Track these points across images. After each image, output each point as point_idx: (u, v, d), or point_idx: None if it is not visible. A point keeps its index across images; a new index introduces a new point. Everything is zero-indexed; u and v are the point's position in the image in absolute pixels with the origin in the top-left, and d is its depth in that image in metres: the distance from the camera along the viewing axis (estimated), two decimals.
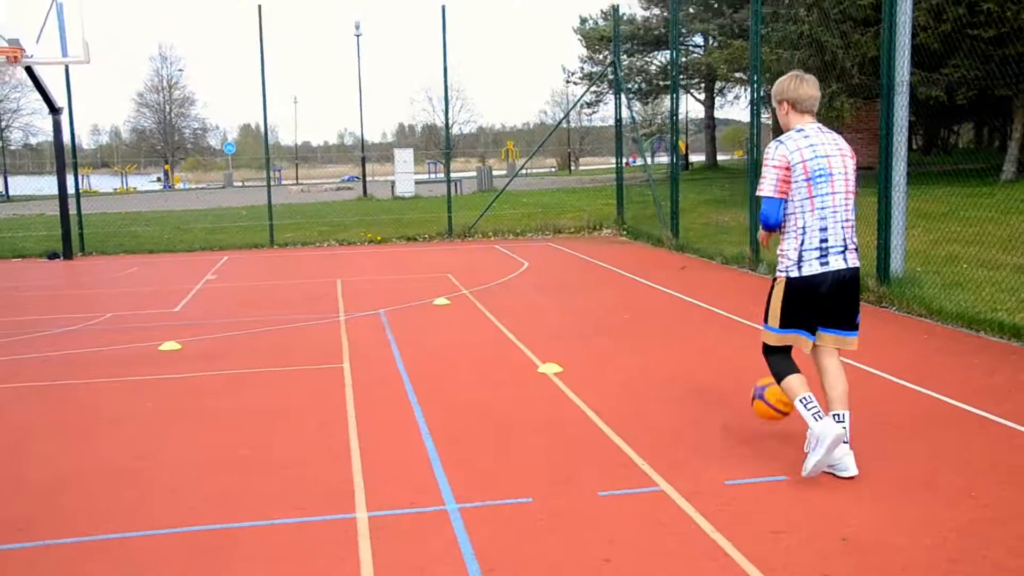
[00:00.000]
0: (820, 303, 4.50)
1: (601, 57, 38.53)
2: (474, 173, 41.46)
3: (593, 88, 37.74)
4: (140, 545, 3.93)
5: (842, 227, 4.47)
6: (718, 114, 44.48)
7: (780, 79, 4.68)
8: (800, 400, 4.44)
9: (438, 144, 66.83)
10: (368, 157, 64.24)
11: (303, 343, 8.17)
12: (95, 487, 4.64)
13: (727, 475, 4.52)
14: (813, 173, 4.44)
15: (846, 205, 4.49)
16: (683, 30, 34.78)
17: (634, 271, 12.12)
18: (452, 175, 19.82)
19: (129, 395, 6.50)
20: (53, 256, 16.18)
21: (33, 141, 67.72)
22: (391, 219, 21.71)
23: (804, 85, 4.59)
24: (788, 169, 4.48)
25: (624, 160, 18.89)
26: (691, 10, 34.05)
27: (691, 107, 56.75)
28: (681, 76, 37.94)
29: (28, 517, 4.27)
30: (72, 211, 16.66)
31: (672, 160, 15.29)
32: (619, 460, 4.79)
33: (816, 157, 4.45)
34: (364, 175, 38.13)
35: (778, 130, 4.84)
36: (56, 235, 16.42)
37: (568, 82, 45.05)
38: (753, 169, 11.53)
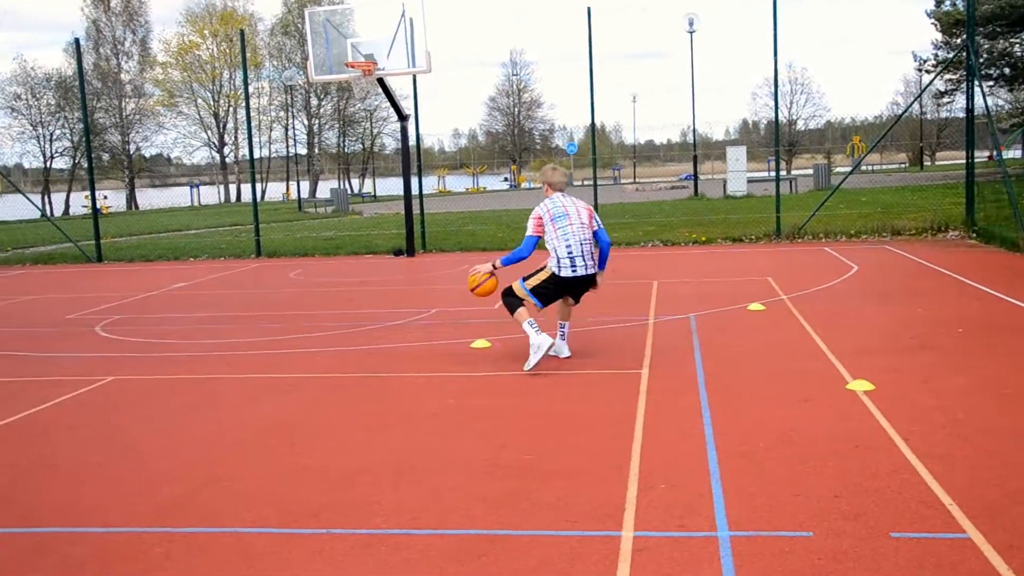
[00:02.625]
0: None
1: (958, 42, 35.27)
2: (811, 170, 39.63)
3: (947, 76, 34.66)
4: (408, 543, 4.05)
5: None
6: None
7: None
8: (527, 323, 7.15)
9: (781, 140, 64.72)
10: (708, 155, 63.72)
11: (607, 346, 8.15)
12: (384, 481, 4.87)
13: None
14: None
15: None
16: None
17: (979, 279, 10.91)
18: (794, 172, 18.98)
19: (434, 391, 6.81)
20: (398, 253, 17.49)
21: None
22: (719, 219, 21.25)
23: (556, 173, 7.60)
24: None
25: (989, 154, 17.10)
26: None
27: None
28: None
29: (322, 504, 4.56)
30: (417, 211, 17.90)
31: None
32: (923, 498, 4.26)
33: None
34: (696, 173, 37.73)
35: None
36: (404, 233, 17.70)
37: (920, 70, 41.72)
38: None
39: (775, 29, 16.73)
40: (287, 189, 63.24)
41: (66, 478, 5.21)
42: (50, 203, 56.07)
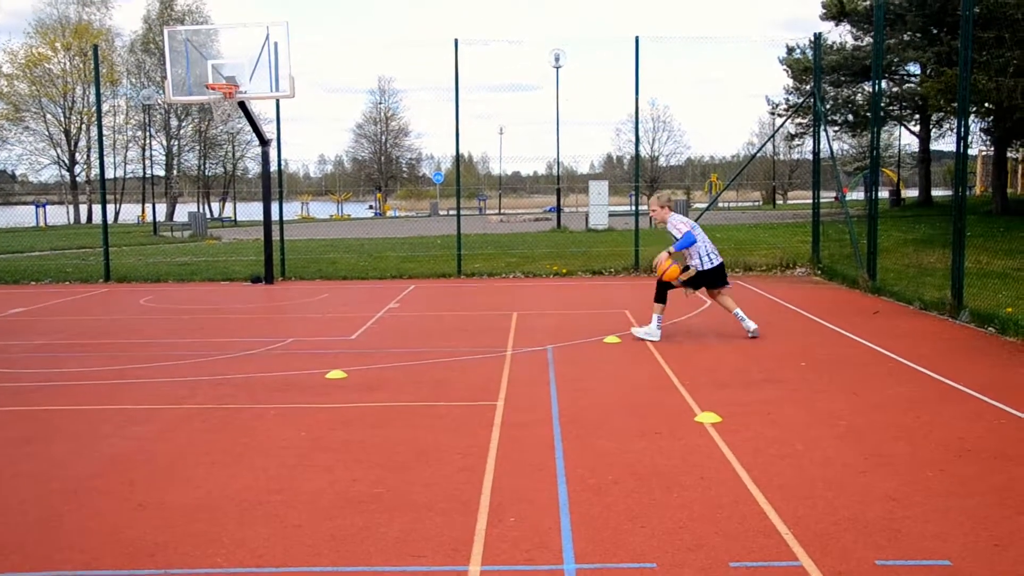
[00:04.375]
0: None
1: (807, 88, 37.17)
2: None
3: (798, 120, 36.42)
4: None
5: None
6: (935, 147, 41.93)
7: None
8: (657, 316, 9.80)
9: (643, 175, 66.48)
10: (572, 188, 64.88)
11: (464, 377, 8.14)
12: (227, 518, 4.70)
13: (881, 553, 4.06)
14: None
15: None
16: (895, 59, 32.99)
17: (822, 314, 11.44)
18: None
19: (285, 423, 6.64)
20: (256, 280, 17.08)
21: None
22: (580, 251, 21.63)
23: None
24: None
25: (834, 195, 18.00)
26: (905, 37, 32.23)
27: (906, 139, 53.79)
28: (893, 107, 36.09)
29: (161, 543, 4.37)
30: (277, 237, 17.54)
31: (869, 196, 14.41)
32: (761, 527, 4.40)
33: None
34: (559, 206, 38.35)
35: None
36: (263, 259, 17.32)
37: (773, 113, 43.73)
38: (958, 206, 10.65)
39: (636, 68, 17.25)
40: (143, 211, 61.00)
41: None
42: None
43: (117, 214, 61.78)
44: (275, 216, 17.56)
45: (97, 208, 58.81)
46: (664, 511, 4.65)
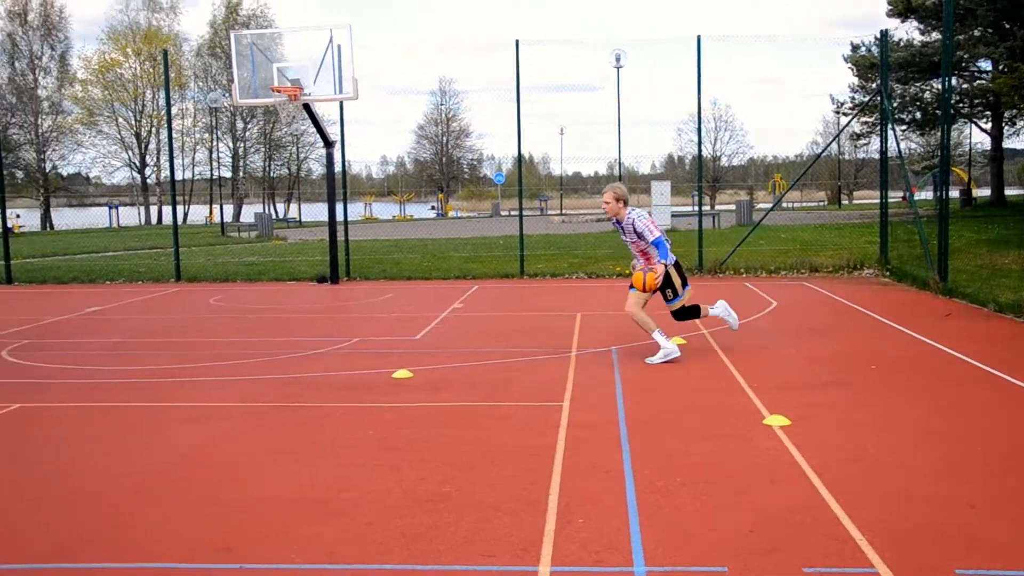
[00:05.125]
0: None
1: (873, 86, 36.50)
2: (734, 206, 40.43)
3: (864, 118, 35.78)
4: None
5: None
6: (1008, 144, 40.88)
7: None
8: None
9: (705, 175, 65.88)
10: (633, 188, 64.54)
11: (528, 378, 8.15)
12: (299, 515, 4.77)
13: (961, 562, 3.97)
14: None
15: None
16: (965, 55, 32.21)
17: (891, 316, 11.22)
18: (717, 207, 19.30)
19: (353, 422, 6.71)
20: (321, 280, 17.29)
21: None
22: None
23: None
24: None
25: (902, 195, 17.66)
26: (976, 32, 31.45)
27: (977, 137, 52.48)
28: (963, 104, 35.24)
29: (235, 539, 4.45)
30: (341, 238, 17.74)
31: (940, 196, 14.09)
32: (835, 533, 4.33)
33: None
34: None
35: None
36: (328, 260, 17.53)
37: (838, 112, 43.02)
38: None
39: (699, 67, 17.09)
40: (210, 212, 62.18)
41: None
42: None
43: (185, 215, 63.07)
44: (339, 217, 17.76)
45: (167, 209, 60.13)
46: (734, 514, 4.60)
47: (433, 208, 75.40)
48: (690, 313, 9.11)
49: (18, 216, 46.99)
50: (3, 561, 4.22)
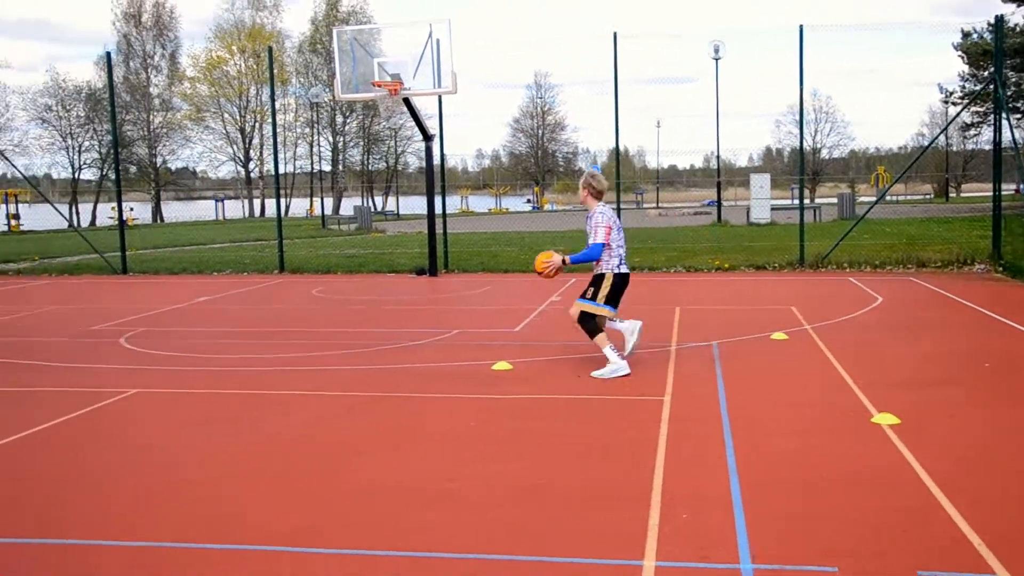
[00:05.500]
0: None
1: (985, 74, 35.14)
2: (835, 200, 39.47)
3: (974, 108, 34.47)
4: (432, 566, 4.04)
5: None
6: None
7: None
8: (608, 348, 7.86)
9: (804, 168, 64.38)
10: (730, 182, 63.58)
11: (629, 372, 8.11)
12: (405, 503, 4.85)
13: None
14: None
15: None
16: None
17: (1005, 313, 10.81)
18: (818, 201, 18.89)
19: (454, 413, 6.80)
20: (420, 272, 17.52)
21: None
22: (742, 246, 21.18)
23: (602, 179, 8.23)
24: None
25: (1015, 187, 16.94)
26: None
27: None
28: None
29: (345, 524, 4.55)
30: (439, 230, 17.93)
31: None
32: (950, 535, 4.21)
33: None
34: (719, 200, 37.63)
35: None
36: (427, 252, 17.73)
37: (946, 102, 41.57)
38: None
39: (800, 58, 16.71)
40: (311, 205, 63.60)
41: (89, 490, 5.23)
42: (77, 214, 56.65)
43: (287, 208, 64.46)
44: (437, 209, 17.94)
45: (270, 202, 61.68)
46: (843, 514, 4.51)
47: (529, 201, 75.60)
48: (589, 323, 8.05)
49: (131, 209, 48.81)
50: (120, 538, 4.41)
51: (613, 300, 8.11)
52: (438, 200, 18.07)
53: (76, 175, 59.26)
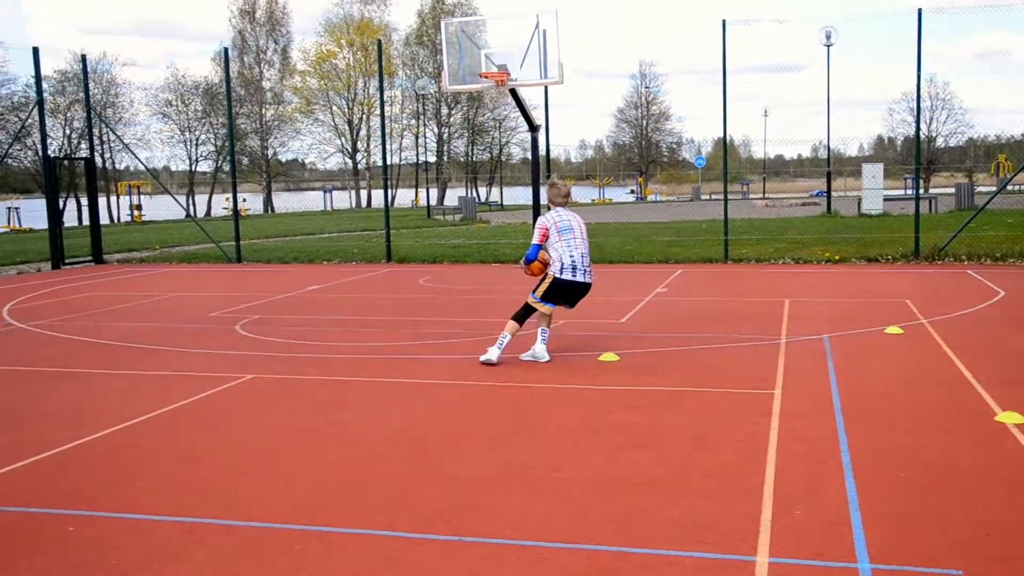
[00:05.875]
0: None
1: None
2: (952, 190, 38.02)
3: None
4: (538, 555, 4.06)
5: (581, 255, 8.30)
6: None
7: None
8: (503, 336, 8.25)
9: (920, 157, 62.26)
10: (840, 172, 61.81)
11: (737, 364, 8.00)
12: (513, 491, 4.89)
13: None
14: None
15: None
16: None
17: None
18: (933, 191, 18.24)
19: (561, 403, 6.82)
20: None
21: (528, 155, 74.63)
22: (853, 237, 20.61)
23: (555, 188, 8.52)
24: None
25: None
26: None
27: None
28: None
29: (453, 511, 4.62)
30: None
31: None
32: None
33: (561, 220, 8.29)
34: (829, 190, 36.65)
35: None
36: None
37: None
38: None
39: (919, 42, 16.14)
40: (416, 196, 64.43)
41: (212, 470, 5.43)
42: (194, 204, 58.69)
43: (393, 199, 65.53)
44: (542, 200, 17.95)
45: (376, 193, 62.75)
46: (965, 515, 4.36)
47: (632, 192, 75.01)
48: (526, 311, 8.39)
49: (244, 200, 50.27)
50: (249, 519, 4.56)
51: (552, 298, 8.33)
52: (543, 190, 18.07)
53: (193, 167, 61.39)
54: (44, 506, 4.83)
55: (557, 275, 8.24)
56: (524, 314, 8.38)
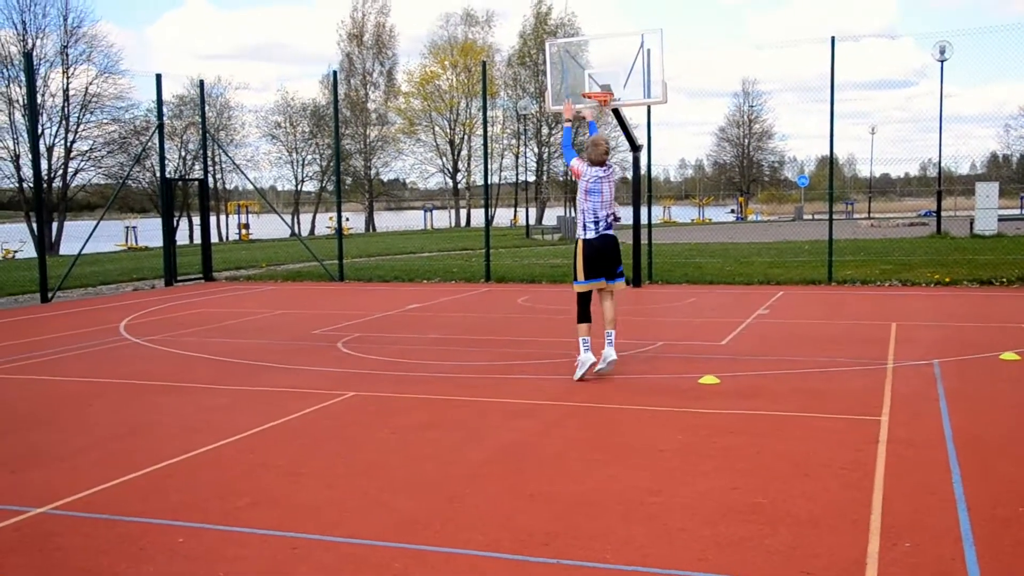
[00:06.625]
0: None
1: None
2: None
3: None
4: None
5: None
6: None
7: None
8: (582, 340, 8.37)
9: None
10: (951, 191, 59.85)
11: (842, 389, 7.80)
12: (611, 514, 4.86)
13: None
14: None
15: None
16: None
17: None
18: None
19: (661, 425, 6.75)
20: (626, 283, 17.46)
21: (628, 175, 74.43)
22: (965, 259, 19.92)
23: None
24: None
25: None
26: None
27: None
28: None
29: (552, 533, 4.61)
30: (644, 241, 17.85)
31: None
32: None
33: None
34: (939, 210, 35.49)
35: None
36: (631, 263, 17.69)
37: None
38: None
39: None
40: (515, 215, 64.80)
41: (314, 486, 5.54)
42: (298, 223, 60.24)
43: (492, 218, 66.15)
44: (643, 220, 17.87)
45: (475, 212, 63.31)
46: None
47: (733, 211, 74.02)
48: (583, 310, 8.73)
49: (347, 219, 51.40)
50: (351, 535, 4.65)
51: (592, 272, 8.62)
52: (644, 210, 17.99)
53: (299, 187, 63.05)
54: (155, 516, 5.01)
55: (583, 236, 8.59)
56: (582, 310, 8.65)
